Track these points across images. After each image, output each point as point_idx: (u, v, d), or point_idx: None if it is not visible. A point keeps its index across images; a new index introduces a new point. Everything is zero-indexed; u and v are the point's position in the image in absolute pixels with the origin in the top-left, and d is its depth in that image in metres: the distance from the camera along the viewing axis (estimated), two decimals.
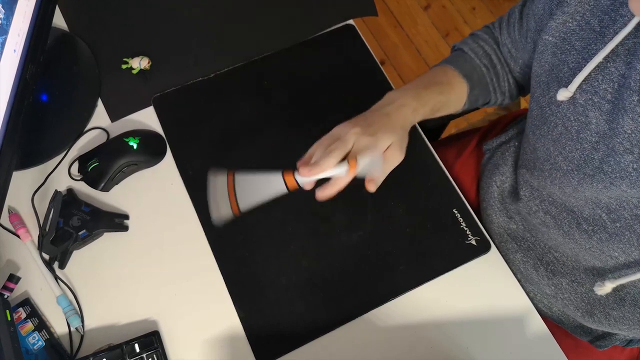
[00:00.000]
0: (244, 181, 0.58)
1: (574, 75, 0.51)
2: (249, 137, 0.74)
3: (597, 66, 0.49)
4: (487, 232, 0.72)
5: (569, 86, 0.51)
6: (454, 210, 0.70)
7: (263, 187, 0.58)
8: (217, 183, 0.58)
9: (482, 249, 0.69)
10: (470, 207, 0.71)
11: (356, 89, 0.77)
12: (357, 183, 0.71)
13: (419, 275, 0.67)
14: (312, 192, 0.69)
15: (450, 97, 0.65)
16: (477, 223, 0.70)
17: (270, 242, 0.68)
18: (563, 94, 0.52)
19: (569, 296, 0.66)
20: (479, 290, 0.67)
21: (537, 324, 0.66)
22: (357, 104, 0.76)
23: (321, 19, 0.81)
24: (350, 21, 0.81)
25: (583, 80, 0.51)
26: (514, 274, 0.71)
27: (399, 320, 0.66)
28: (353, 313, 0.65)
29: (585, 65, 0.50)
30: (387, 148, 0.57)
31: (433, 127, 0.93)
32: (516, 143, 0.71)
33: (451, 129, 1.00)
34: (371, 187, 0.58)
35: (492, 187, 0.72)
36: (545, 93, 0.56)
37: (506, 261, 0.70)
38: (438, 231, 0.69)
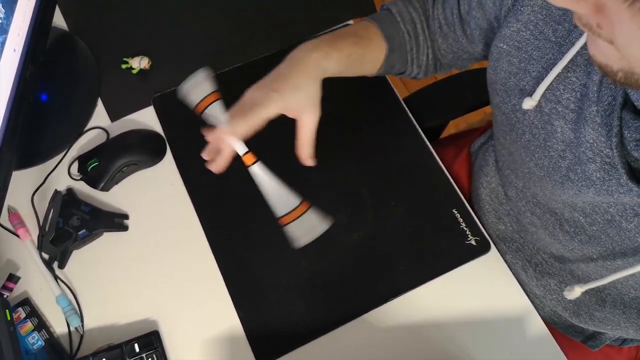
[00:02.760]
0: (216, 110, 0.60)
1: (538, 84, 0.51)
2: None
3: (558, 76, 0.49)
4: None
5: (534, 95, 0.51)
6: (453, 211, 0.70)
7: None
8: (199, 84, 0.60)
9: (481, 249, 0.69)
10: (472, 206, 0.71)
11: (356, 89, 0.77)
12: (357, 183, 0.72)
13: (418, 275, 0.67)
14: (313, 192, 0.70)
15: (366, 51, 0.63)
16: (476, 223, 0.70)
17: (270, 242, 0.68)
18: (528, 103, 0.52)
19: (556, 297, 0.66)
20: (479, 290, 0.67)
21: (537, 324, 0.66)
22: (357, 103, 0.76)
23: (321, 19, 0.81)
24: (350, 21, 0.81)
25: (546, 90, 0.50)
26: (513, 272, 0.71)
27: (399, 320, 0.66)
28: (353, 313, 0.66)
29: (546, 75, 0.50)
30: (299, 109, 0.57)
31: (432, 127, 0.93)
32: (493, 142, 0.71)
33: (450, 129, 1.00)
34: (305, 158, 0.59)
35: (479, 188, 0.72)
36: (507, 101, 0.56)
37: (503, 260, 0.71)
38: (438, 231, 0.69)
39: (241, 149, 0.58)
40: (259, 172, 0.60)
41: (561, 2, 0.32)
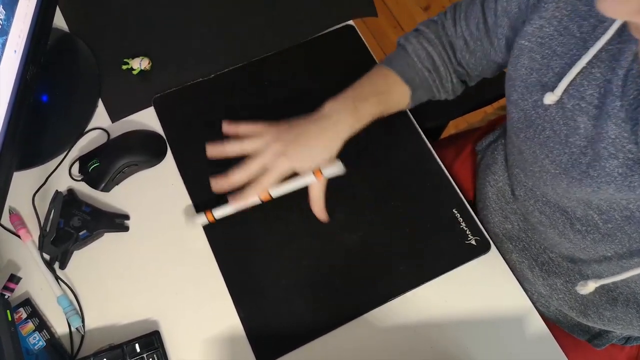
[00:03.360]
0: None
1: (560, 79, 0.51)
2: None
3: (581, 71, 0.50)
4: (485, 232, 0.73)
5: (555, 90, 0.51)
6: (453, 210, 0.70)
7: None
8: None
9: (482, 249, 0.69)
10: (472, 206, 0.71)
11: None
12: (357, 183, 0.72)
13: (418, 275, 0.67)
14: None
15: (389, 104, 0.67)
16: (476, 223, 0.70)
17: (271, 242, 0.68)
18: (550, 98, 0.52)
19: (563, 296, 0.66)
20: (479, 290, 0.67)
21: (537, 324, 0.66)
22: None
23: (321, 20, 0.81)
24: (350, 21, 0.81)
25: (569, 85, 0.51)
26: (516, 273, 0.71)
27: (399, 320, 0.66)
28: (353, 313, 0.66)
29: (569, 71, 0.50)
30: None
31: (433, 127, 0.93)
32: (503, 141, 0.71)
33: (450, 130, 1.00)
34: (321, 216, 0.64)
35: (486, 187, 0.72)
36: (527, 97, 0.56)
37: (506, 260, 0.71)
38: (438, 231, 0.69)
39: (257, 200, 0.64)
40: (280, 192, 0.65)
41: (620, 14, 0.32)
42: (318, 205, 0.64)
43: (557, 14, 0.51)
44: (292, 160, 0.61)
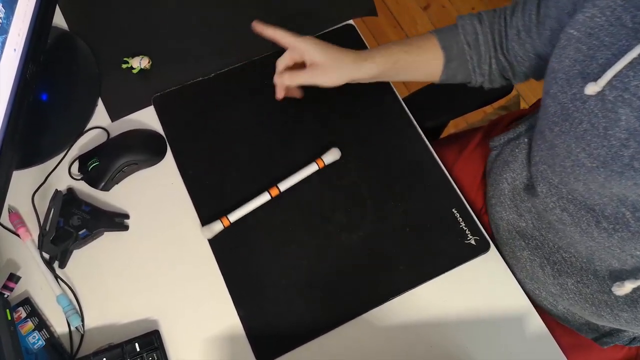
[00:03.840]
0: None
1: (604, 71, 0.51)
2: (249, 136, 0.74)
3: (630, 62, 0.49)
4: (495, 228, 0.72)
5: (598, 81, 0.51)
6: (453, 210, 0.70)
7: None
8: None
9: (481, 248, 0.69)
10: (472, 206, 0.71)
11: (356, 88, 0.77)
12: (357, 182, 0.72)
13: (418, 274, 0.67)
14: (310, 191, 0.70)
15: (417, 59, 0.67)
16: (476, 223, 0.70)
17: (271, 241, 0.68)
18: (592, 88, 0.52)
19: (573, 296, 0.66)
20: (478, 289, 0.67)
21: (537, 324, 0.66)
22: (357, 103, 0.76)
23: (321, 19, 0.81)
24: (350, 21, 0.81)
25: (613, 77, 0.50)
26: (519, 271, 0.70)
27: (398, 320, 0.66)
28: (353, 312, 0.66)
29: (616, 62, 0.50)
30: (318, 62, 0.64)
31: (433, 126, 0.93)
32: (526, 140, 0.71)
33: (450, 129, 1.00)
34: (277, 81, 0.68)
35: (502, 183, 0.72)
36: (567, 89, 0.55)
37: (513, 258, 0.70)
38: (437, 231, 0.69)
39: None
40: (287, 185, 0.70)
41: None
42: (290, 78, 0.66)
43: (612, 3, 0.51)
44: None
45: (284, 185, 0.69)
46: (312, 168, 0.70)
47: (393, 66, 0.67)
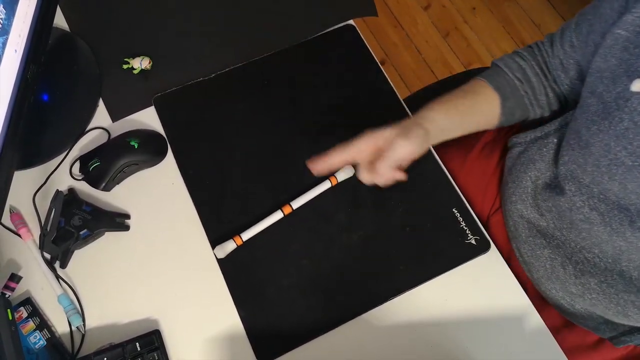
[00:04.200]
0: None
1: None
2: (249, 137, 0.74)
3: None
4: (513, 226, 0.72)
5: None
6: (453, 210, 0.70)
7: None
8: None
9: (481, 248, 0.69)
10: (483, 203, 0.70)
11: (356, 89, 0.77)
12: (357, 182, 0.72)
13: (418, 274, 0.67)
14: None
15: (475, 103, 0.67)
16: (476, 222, 0.70)
17: (271, 241, 0.68)
18: (637, 85, 0.52)
19: (596, 296, 0.65)
20: (479, 289, 0.67)
21: (537, 324, 0.66)
22: (357, 103, 0.76)
23: (321, 19, 0.81)
24: (350, 21, 0.81)
25: None
26: (536, 270, 0.70)
27: (398, 320, 0.66)
28: (353, 312, 0.66)
29: None
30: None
31: None
32: (555, 139, 0.69)
33: None
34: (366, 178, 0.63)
35: (526, 181, 0.71)
36: (612, 88, 0.56)
37: (532, 257, 0.70)
38: (438, 230, 0.69)
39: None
40: (300, 203, 0.70)
41: None
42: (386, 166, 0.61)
43: None
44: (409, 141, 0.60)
45: (297, 204, 0.69)
46: (325, 185, 0.70)
47: (451, 126, 0.65)
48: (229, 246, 0.66)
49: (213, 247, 0.67)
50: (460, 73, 1.03)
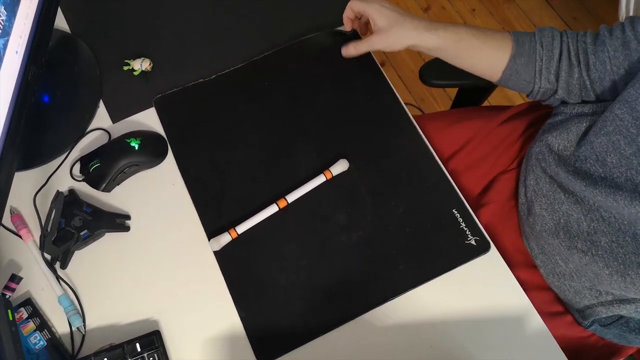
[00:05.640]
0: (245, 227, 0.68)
1: None
2: (250, 137, 0.74)
3: None
4: (534, 180, 0.72)
5: None
6: (453, 211, 0.70)
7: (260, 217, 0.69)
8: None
9: (481, 249, 0.69)
10: (473, 202, 0.71)
11: (356, 89, 0.77)
12: (357, 183, 0.72)
13: (418, 275, 0.67)
14: (314, 192, 0.70)
15: (484, 45, 0.67)
16: (476, 223, 0.70)
17: (271, 241, 0.69)
18: None
19: (602, 254, 0.65)
20: (479, 290, 0.67)
21: (537, 324, 0.66)
22: (357, 104, 0.76)
23: (321, 20, 0.81)
24: None
25: None
26: (546, 222, 0.71)
27: (398, 320, 0.66)
28: (353, 313, 0.66)
29: None
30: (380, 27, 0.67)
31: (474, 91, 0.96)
32: (590, 120, 0.68)
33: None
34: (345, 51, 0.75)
35: (558, 143, 0.70)
36: None
37: (547, 209, 0.71)
38: (437, 231, 0.69)
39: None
40: (295, 196, 0.70)
41: None
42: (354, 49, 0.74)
43: None
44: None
45: (292, 197, 0.69)
46: (320, 179, 0.70)
47: (456, 44, 0.67)
48: (224, 239, 0.67)
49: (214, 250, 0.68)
50: None
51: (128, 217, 0.70)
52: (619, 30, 0.65)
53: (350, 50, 0.74)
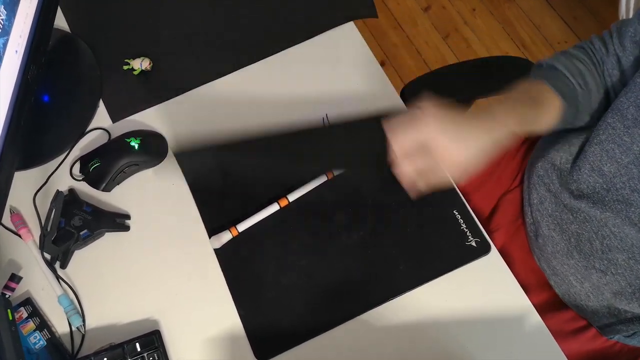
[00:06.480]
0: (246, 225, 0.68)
1: None
2: (250, 137, 0.74)
3: None
4: (539, 199, 0.72)
5: None
6: (454, 212, 0.70)
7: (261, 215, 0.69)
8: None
9: (482, 250, 0.69)
10: (471, 209, 0.71)
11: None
12: (357, 183, 0.72)
13: (418, 275, 0.67)
14: (311, 192, 0.70)
15: (540, 112, 0.61)
16: (477, 224, 0.70)
17: (271, 241, 0.69)
18: None
19: (622, 272, 0.65)
20: (479, 291, 0.67)
21: (537, 324, 0.66)
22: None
23: (321, 20, 0.81)
24: (351, 22, 0.82)
25: None
26: (557, 243, 0.70)
27: (398, 320, 0.66)
28: (352, 312, 0.66)
29: None
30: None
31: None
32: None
33: None
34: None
35: (559, 158, 0.70)
36: None
37: (555, 230, 0.71)
38: (438, 232, 0.69)
39: None
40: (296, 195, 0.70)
41: None
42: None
43: None
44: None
45: (293, 196, 0.69)
46: (321, 179, 0.70)
47: (521, 126, 0.59)
48: (225, 236, 0.67)
49: (215, 249, 0.68)
50: (454, 64, 1.01)
51: (128, 216, 0.70)
52: (611, 45, 0.64)
53: (420, 186, 0.58)
